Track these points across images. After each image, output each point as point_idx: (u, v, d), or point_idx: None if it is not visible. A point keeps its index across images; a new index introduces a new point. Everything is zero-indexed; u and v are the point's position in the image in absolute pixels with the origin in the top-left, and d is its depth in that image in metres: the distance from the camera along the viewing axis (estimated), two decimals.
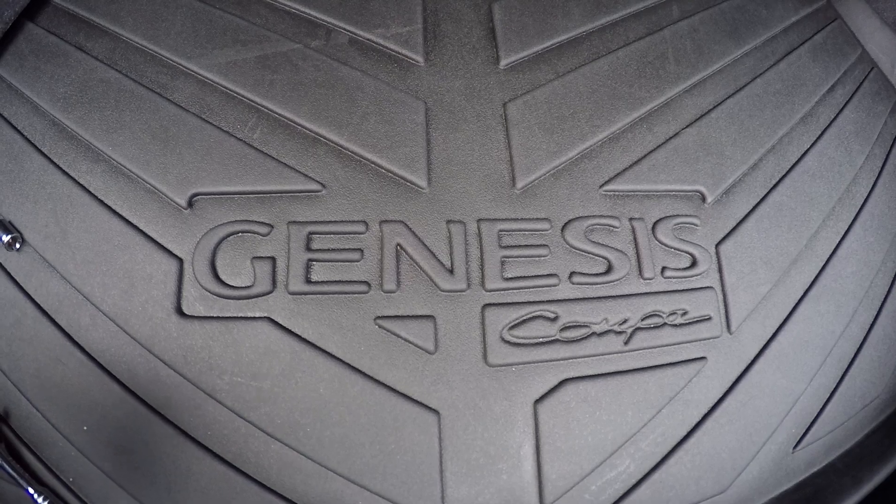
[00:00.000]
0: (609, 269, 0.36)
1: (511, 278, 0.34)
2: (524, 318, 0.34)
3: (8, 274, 0.38)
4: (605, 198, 0.37)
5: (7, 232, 0.38)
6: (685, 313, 0.38)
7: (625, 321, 0.36)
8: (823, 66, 0.47)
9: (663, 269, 0.38)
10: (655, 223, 0.38)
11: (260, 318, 0.33)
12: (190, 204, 0.35)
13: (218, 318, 0.33)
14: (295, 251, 0.33)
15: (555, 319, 0.35)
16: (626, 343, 0.36)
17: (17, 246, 0.38)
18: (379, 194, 0.34)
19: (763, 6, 0.50)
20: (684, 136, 0.41)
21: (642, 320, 0.37)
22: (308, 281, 0.32)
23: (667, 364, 0.37)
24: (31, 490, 0.32)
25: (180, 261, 0.34)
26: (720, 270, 0.39)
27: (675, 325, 0.38)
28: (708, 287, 0.39)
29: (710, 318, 0.38)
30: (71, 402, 0.33)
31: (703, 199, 0.40)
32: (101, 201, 0.37)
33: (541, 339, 0.34)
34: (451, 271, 0.33)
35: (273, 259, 0.33)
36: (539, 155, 0.36)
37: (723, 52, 0.45)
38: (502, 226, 0.34)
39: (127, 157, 0.38)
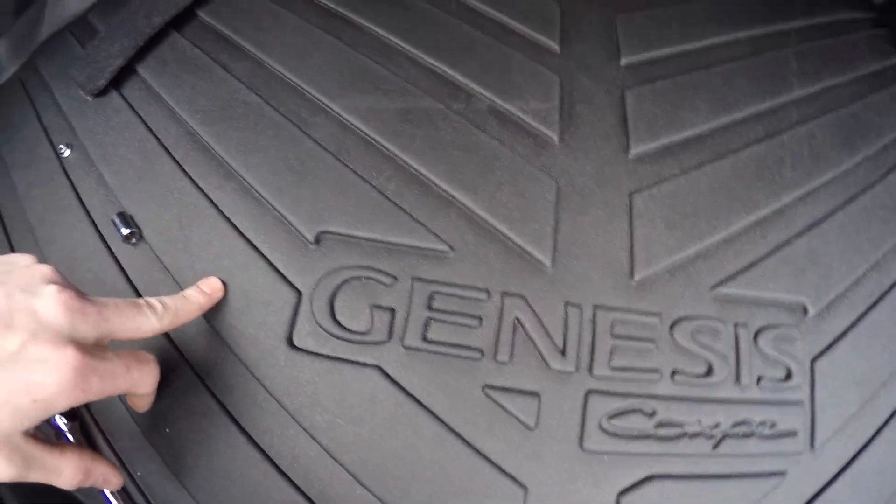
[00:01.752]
0: (709, 372, 0.37)
1: (617, 368, 0.35)
2: (624, 410, 0.34)
3: (120, 266, 0.39)
4: (715, 300, 0.38)
5: (127, 225, 0.40)
6: (773, 425, 0.38)
7: (716, 425, 0.36)
8: None
9: (759, 377, 0.38)
10: (758, 331, 0.38)
11: (370, 365, 0.34)
12: (317, 240, 0.36)
13: (328, 356, 0.34)
14: (416, 307, 0.34)
15: (652, 415, 0.35)
16: (714, 447, 0.36)
17: (134, 241, 0.40)
18: (504, 266, 0.35)
19: (877, 113, 0.50)
20: (795, 246, 0.41)
21: (732, 427, 0.37)
22: (424, 338, 0.33)
23: (749, 474, 0.37)
24: None
25: (299, 293, 0.35)
26: (812, 386, 0.39)
27: (762, 436, 0.37)
28: (798, 401, 0.39)
29: (795, 434, 0.38)
30: (160, 400, 0.34)
31: (805, 311, 0.40)
32: (228, 219, 0.39)
33: (636, 433, 0.34)
34: (563, 352, 0.34)
35: (393, 310, 0.34)
36: (658, 249, 0.37)
37: (837, 161, 0.46)
38: (616, 315, 0.35)
39: (260, 181, 0.39)
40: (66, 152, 0.48)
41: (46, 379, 0.23)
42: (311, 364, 0.33)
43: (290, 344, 0.34)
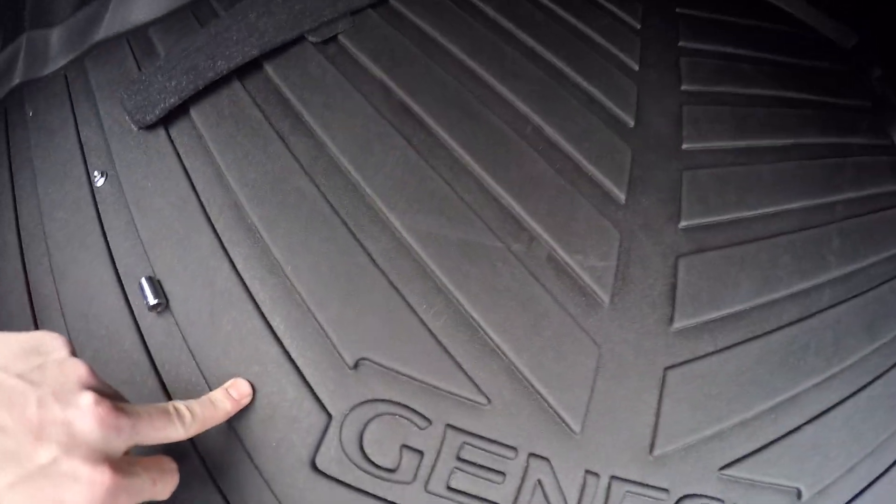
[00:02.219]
0: None
1: None
2: None
3: (140, 333, 0.38)
4: (720, 480, 0.39)
5: (156, 294, 0.38)
6: None
7: None
8: None
9: None
10: None
11: (391, 502, 0.34)
12: (356, 365, 0.36)
13: (349, 485, 0.34)
14: (445, 454, 0.35)
15: None
16: None
17: (159, 310, 0.38)
18: (536, 426, 0.36)
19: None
20: (802, 433, 0.43)
21: None
22: (448, 486, 0.35)
23: None
24: None
25: (329, 417, 0.35)
26: None
27: None
28: None
29: None
30: (173, 497, 0.32)
31: (799, 496, 0.42)
32: (266, 318, 0.37)
33: None
34: None
35: (422, 454, 0.35)
36: (680, 429, 0.38)
37: (856, 348, 0.47)
38: (629, 487, 0.37)
39: (305, 286, 0.38)
40: (100, 181, 0.46)
41: (78, 499, 0.23)
42: (330, 490, 0.33)
43: (313, 466, 0.34)
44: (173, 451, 0.34)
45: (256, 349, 0.36)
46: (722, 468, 0.40)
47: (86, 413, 0.24)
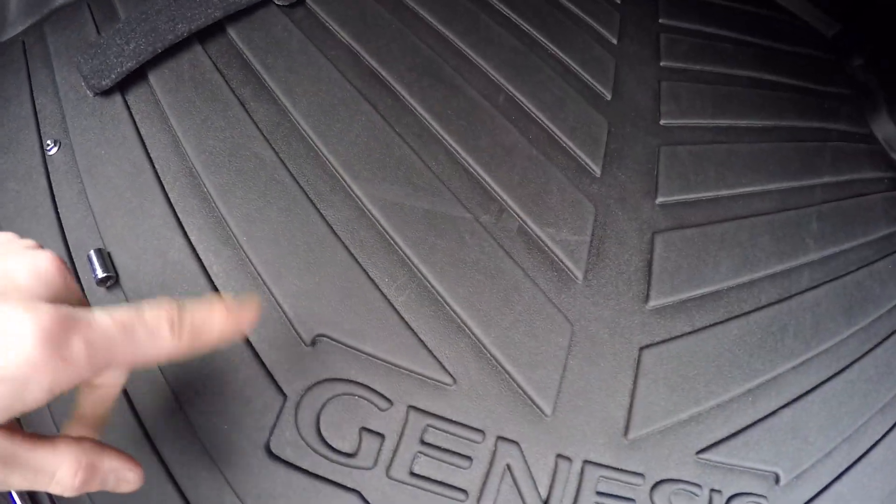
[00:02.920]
0: None
1: None
2: None
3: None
4: (697, 464, 0.38)
5: (105, 268, 0.35)
6: None
7: None
8: None
9: None
10: (730, 497, 0.39)
11: (350, 489, 0.32)
12: (313, 343, 0.34)
13: (306, 471, 0.32)
14: (408, 438, 0.32)
15: None
16: None
17: (108, 285, 0.36)
18: (504, 408, 0.34)
19: (878, 282, 0.52)
20: (780, 416, 0.42)
21: None
22: (411, 472, 0.32)
23: None
24: None
25: (284, 397, 0.32)
26: None
27: None
28: None
29: None
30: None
31: (777, 480, 0.41)
32: (217, 290, 0.35)
33: None
34: None
35: (382, 437, 0.32)
36: (656, 411, 0.37)
37: (835, 331, 0.47)
38: (603, 472, 0.35)
39: (260, 258, 0.36)
40: (53, 149, 0.43)
41: (13, 343, 0.17)
42: (286, 476, 0.31)
43: (268, 450, 0.31)
44: (115, 428, 0.30)
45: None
46: (699, 452, 0.38)
47: (27, 259, 0.20)
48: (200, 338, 0.22)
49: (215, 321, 0.23)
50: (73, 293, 0.21)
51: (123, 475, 0.23)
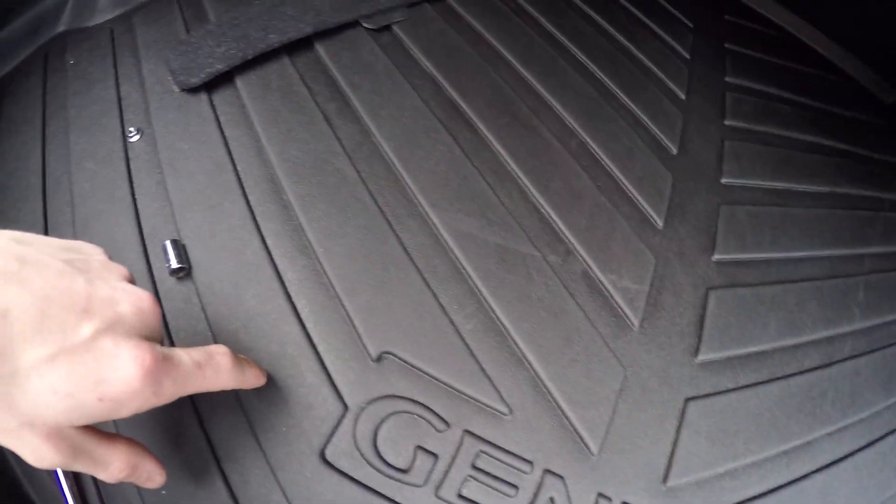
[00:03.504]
0: None
1: None
2: None
3: (157, 296, 0.36)
4: None
5: (179, 259, 0.37)
6: None
7: None
8: None
9: None
10: None
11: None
12: (379, 359, 0.35)
13: (358, 482, 0.33)
14: (460, 461, 0.34)
15: None
16: None
17: (181, 276, 0.37)
18: (554, 443, 0.35)
19: None
20: (812, 480, 0.43)
21: None
22: (459, 494, 0.34)
23: None
24: None
25: (346, 408, 0.34)
26: None
27: None
28: None
29: None
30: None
31: None
32: (291, 299, 0.36)
33: None
34: None
35: (436, 457, 0.34)
36: (695, 462, 0.38)
37: (872, 401, 0.47)
38: None
39: (334, 268, 0.37)
40: (135, 137, 0.45)
41: (118, 376, 0.21)
42: (337, 484, 0.32)
43: (322, 457, 0.33)
44: (175, 422, 0.33)
45: (278, 329, 0.36)
46: None
47: (131, 296, 0.23)
48: (245, 378, 0.30)
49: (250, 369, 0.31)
50: (159, 330, 0.25)
51: (153, 476, 0.28)
